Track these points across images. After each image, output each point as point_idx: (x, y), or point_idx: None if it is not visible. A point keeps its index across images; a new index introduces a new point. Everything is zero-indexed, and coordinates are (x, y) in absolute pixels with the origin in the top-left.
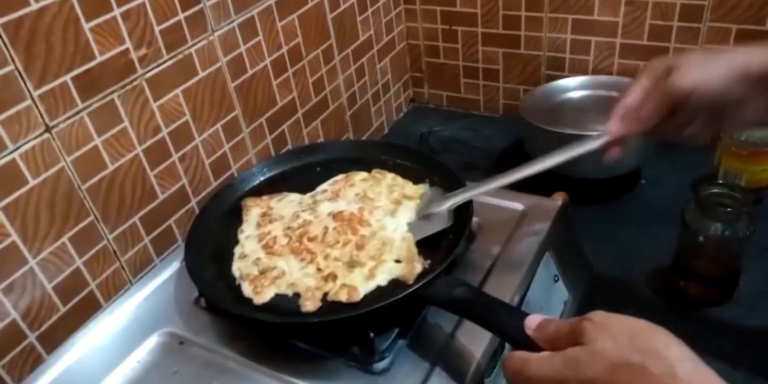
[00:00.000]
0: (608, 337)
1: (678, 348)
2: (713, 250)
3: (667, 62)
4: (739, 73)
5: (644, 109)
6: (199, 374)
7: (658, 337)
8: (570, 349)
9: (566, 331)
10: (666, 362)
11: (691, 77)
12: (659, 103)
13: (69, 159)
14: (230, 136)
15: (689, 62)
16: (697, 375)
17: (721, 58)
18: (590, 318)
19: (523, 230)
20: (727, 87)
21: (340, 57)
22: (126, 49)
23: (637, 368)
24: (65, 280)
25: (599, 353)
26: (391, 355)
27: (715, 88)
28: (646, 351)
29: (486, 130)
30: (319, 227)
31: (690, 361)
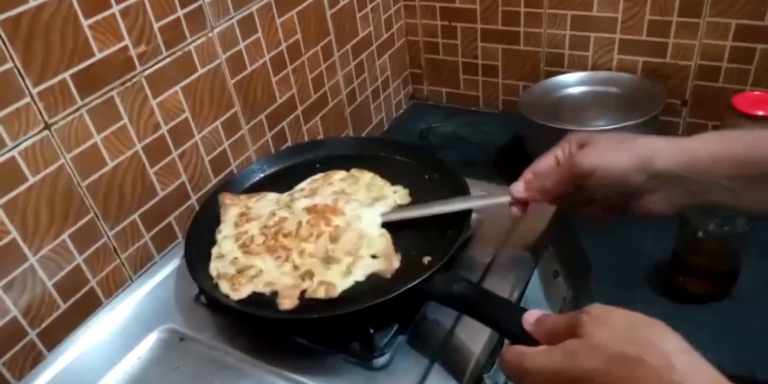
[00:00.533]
0: (605, 330)
1: (675, 340)
2: (712, 246)
3: (583, 137)
4: (640, 163)
5: (547, 180)
6: (199, 371)
7: (655, 330)
8: (568, 342)
9: (564, 325)
10: (663, 354)
11: (593, 159)
12: (561, 177)
13: (68, 156)
14: (230, 133)
15: (598, 143)
16: (694, 367)
17: (628, 146)
18: (588, 311)
19: (522, 226)
20: (627, 175)
21: (339, 53)
22: (125, 46)
23: (634, 360)
24: (66, 278)
25: (596, 346)
26: (390, 351)
27: (615, 174)
28: (644, 343)
29: (485, 126)
30: (294, 222)
31: (687, 354)
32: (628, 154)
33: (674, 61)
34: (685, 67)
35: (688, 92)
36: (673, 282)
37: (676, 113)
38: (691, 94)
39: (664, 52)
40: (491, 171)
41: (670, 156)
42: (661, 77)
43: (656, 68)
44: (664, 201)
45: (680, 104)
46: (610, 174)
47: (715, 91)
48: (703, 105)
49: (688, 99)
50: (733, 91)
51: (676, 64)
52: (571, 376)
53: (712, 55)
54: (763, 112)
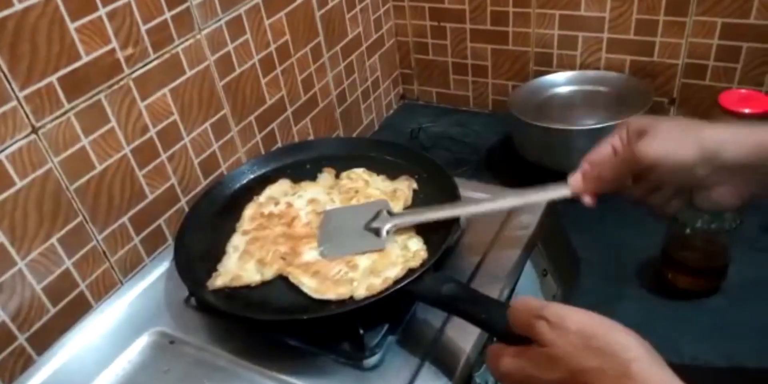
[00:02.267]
0: (565, 342)
1: (632, 346)
2: (701, 242)
3: (641, 124)
4: (707, 155)
5: (605, 170)
6: (190, 373)
7: (614, 337)
8: (534, 351)
9: (526, 323)
10: (621, 363)
11: (656, 149)
12: (621, 167)
13: (56, 160)
14: (219, 135)
15: (661, 132)
16: (650, 373)
17: (693, 136)
18: (545, 316)
19: (511, 225)
20: (692, 167)
21: (329, 55)
22: (112, 49)
23: (595, 372)
24: (55, 281)
25: (559, 359)
26: (381, 351)
27: (679, 166)
28: (603, 354)
29: (475, 125)
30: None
31: (644, 361)
32: (694, 145)
33: (661, 60)
34: (673, 66)
35: (675, 90)
36: (662, 278)
37: (664, 111)
38: (678, 92)
39: (651, 51)
40: (482, 170)
41: (738, 147)
42: (648, 75)
43: (644, 67)
44: (732, 191)
45: (668, 102)
46: (673, 166)
47: (702, 89)
48: (690, 103)
49: (675, 97)
50: (720, 89)
51: (664, 63)
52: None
53: (699, 53)
54: (749, 109)
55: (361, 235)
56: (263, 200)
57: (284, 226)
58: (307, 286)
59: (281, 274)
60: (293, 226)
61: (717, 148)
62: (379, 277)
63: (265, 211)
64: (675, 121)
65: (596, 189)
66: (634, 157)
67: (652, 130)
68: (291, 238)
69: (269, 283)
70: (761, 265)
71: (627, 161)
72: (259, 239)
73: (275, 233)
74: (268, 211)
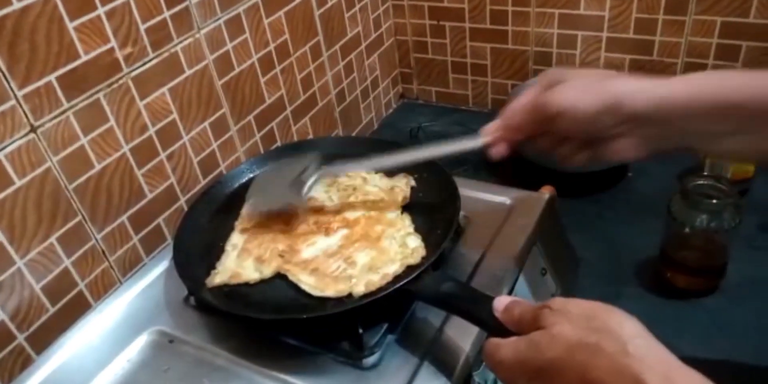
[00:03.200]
0: (566, 321)
1: (631, 326)
2: (699, 241)
3: (557, 75)
4: (609, 105)
5: (515, 118)
6: (189, 372)
7: (613, 317)
8: (532, 334)
9: (529, 317)
10: (619, 340)
11: (561, 98)
12: (528, 117)
13: (55, 159)
14: (218, 134)
15: (570, 83)
16: (648, 350)
17: (598, 86)
18: (549, 305)
19: (510, 224)
20: (595, 117)
21: (328, 53)
22: (111, 48)
23: (592, 348)
24: (54, 281)
25: (557, 336)
26: (380, 351)
27: (582, 116)
28: (601, 331)
29: (475, 125)
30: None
31: (642, 338)
32: (597, 95)
33: (661, 59)
34: (672, 65)
35: None
36: (661, 277)
37: None
38: None
39: (650, 50)
40: (481, 170)
41: (642, 98)
42: (648, 74)
43: (643, 65)
44: (637, 144)
45: None
46: (576, 116)
47: None
48: None
49: None
50: None
51: (663, 62)
52: (536, 366)
53: (699, 52)
54: None
55: (288, 189)
56: None
57: (282, 223)
58: (305, 283)
59: (280, 272)
60: (291, 224)
61: (621, 99)
62: (378, 273)
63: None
64: (588, 72)
65: (506, 137)
66: (541, 107)
67: (562, 80)
68: (289, 235)
69: (268, 281)
70: (760, 263)
71: (534, 111)
72: (257, 237)
73: (274, 231)
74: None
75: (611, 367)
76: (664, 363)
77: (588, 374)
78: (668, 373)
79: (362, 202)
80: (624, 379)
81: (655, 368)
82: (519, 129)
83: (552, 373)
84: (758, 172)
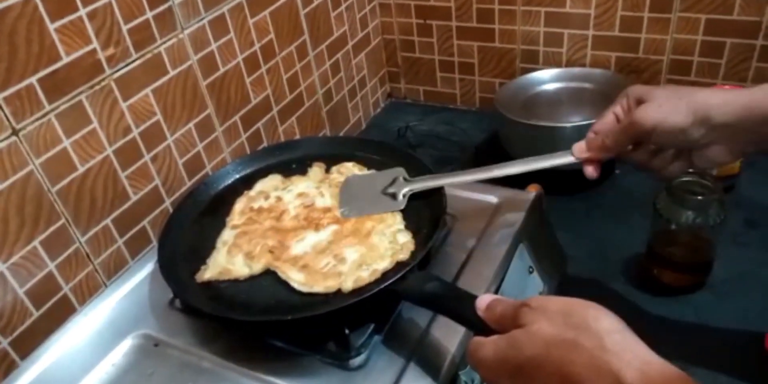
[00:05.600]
0: (544, 318)
1: (608, 321)
2: (685, 237)
3: (640, 91)
4: (698, 118)
5: (607, 138)
6: (175, 376)
7: (590, 313)
8: (512, 332)
9: (510, 315)
10: (596, 336)
11: (652, 114)
12: (621, 134)
13: (37, 162)
14: (203, 135)
15: (657, 98)
16: (625, 345)
17: (686, 101)
18: (528, 303)
19: (497, 223)
20: (686, 130)
21: (314, 53)
22: (93, 49)
23: (569, 343)
24: (37, 285)
25: (536, 333)
26: (366, 351)
27: (674, 129)
28: (579, 327)
29: (463, 123)
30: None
31: (619, 333)
32: (687, 109)
33: (647, 56)
34: (658, 62)
35: None
36: (647, 274)
37: None
38: None
39: (636, 48)
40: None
41: (727, 109)
42: (634, 72)
43: (629, 63)
44: (726, 151)
45: None
46: (669, 130)
47: (687, 85)
48: None
49: None
50: (705, 84)
51: (649, 59)
52: (516, 364)
53: (684, 49)
54: None
55: (379, 198)
56: (254, 194)
57: (273, 220)
58: (295, 280)
59: (270, 269)
60: (282, 220)
61: (708, 111)
62: (368, 269)
63: (255, 205)
64: (670, 88)
65: (598, 156)
66: (633, 123)
67: (649, 96)
68: (279, 231)
69: (257, 278)
70: (746, 260)
71: (627, 127)
72: (247, 233)
73: (264, 227)
74: (257, 206)
75: (589, 363)
76: (641, 358)
77: (566, 369)
78: (645, 367)
79: None
80: (601, 374)
81: (633, 363)
82: (613, 148)
83: (531, 370)
84: (743, 168)
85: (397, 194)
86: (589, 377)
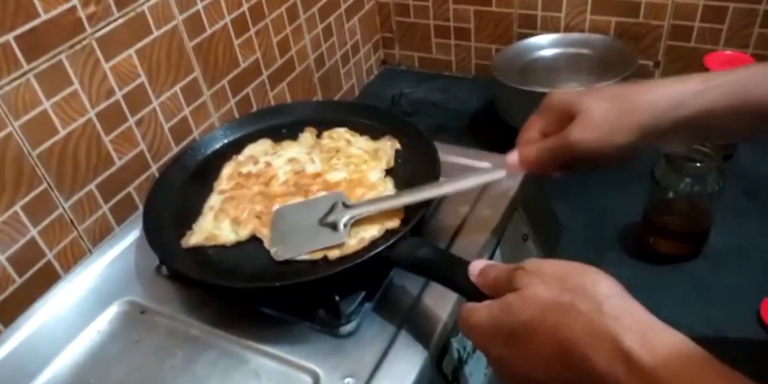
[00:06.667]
0: (539, 281)
1: (606, 285)
2: (683, 205)
3: (568, 103)
4: (646, 130)
5: (543, 159)
6: (161, 343)
7: (587, 276)
8: (506, 296)
9: (504, 279)
10: (593, 299)
11: (591, 139)
12: (556, 159)
13: (16, 124)
14: (190, 99)
15: (590, 115)
16: (624, 309)
17: (628, 114)
18: (523, 266)
19: (492, 190)
20: (633, 145)
21: (305, 16)
22: (73, 7)
23: (566, 307)
24: (20, 251)
25: (530, 296)
26: (357, 318)
27: (619, 148)
28: (575, 290)
29: (458, 91)
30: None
31: (618, 297)
32: (630, 123)
33: (647, 21)
34: (658, 27)
35: (660, 53)
36: (643, 243)
37: (649, 74)
38: (663, 54)
39: (636, 12)
40: (464, 136)
41: (671, 117)
42: (633, 38)
43: (629, 28)
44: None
45: (653, 65)
46: (612, 150)
47: (688, 51)
48: (675, 65)
49: (660, 60)
50: (706, 51)
51: (649, 24)
52: (509, 328)
53: (685, 14)
54: None
55: (317, 231)
56: (242, 159)
57: (262, 185)
58: None
59: (256, 236)
60: (270, 186)
61: (657, 121)
62: (355, 237)
63: (244, 170)
64: (604, 100)
65: (536, 171)
66: (570, 147)
67: (582, 113)
68: (268, 197)
69: (245, 244)
70: (743, 229)
71: (563, 151)
72: (235, 198)
73: (252, 192)
74: (246, 171)
75: (586, 327)
76: (641, 322)
77: (562, 334)
78: (645, 331)
79: (345, 164)
80: (599, 338)
81: (632, 327)
82: (544, 165)
83: (526, 335)
84: None
85: (337, 224)
86: (586, 342)
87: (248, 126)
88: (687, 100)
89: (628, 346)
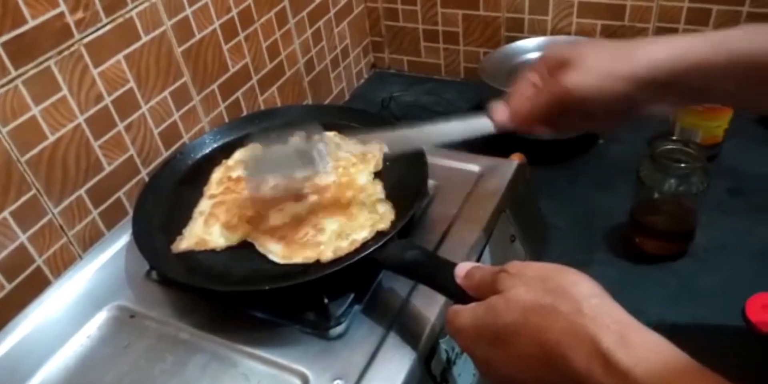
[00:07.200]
0: (521, 284)
1: (586, 286)
2: (668, 205)
3: (562, 56)
4: (642, 79)
5: (536, 109)
6: (151, 347)
7: (567, 277)
8: (490, 298)
9: (488, 282)
10: (573, 300)
11: (585, 83)
12: (549, 106)
13: (5, 130)
14: (180, 103)
15: (585, 61)
16: (603, 309)
17: (622, 63)
18: (506, 269)
19: (479, 191)
20: (625, 96)
21: (294, 20)
22: (61, 13)
23: (547, 309)
24: (9, 257)
25: (513, 299)
26: (346, 321)
27: (611, 97)
28: (556, 292)
29: (447, 94)
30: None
31: (597, 298)
32: (626, 75)
33: (632, 24)
34: (643, 30)
35: None
36: (630, 242)
37: None
38: None
39: (622, 15)
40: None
41: (668, 68)
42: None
43: (615, 31)
44: (664, 105)
45: None
46: (605, 99)
47: None
48: None
49: None
50: None
51: (635, 27)
52: (493, 331)
53: (669, 16)
54: None
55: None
56: (232, 163)
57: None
58: (273, 253)
59: (247, 240)
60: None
61: (651, 69)
62: (347, 239)
63: (233, 174)
64: (600, 49)
65: (525, 125)
66: (563, 93)
67: (577, 61)
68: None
69: (235, 248)
70: (728, 228)
71: (556, 98)
72: (225, 203)
73: (242, 197)
74: (236, 175)
75: (566, 328)
76: (619, 322)
77: (543, 335)
78: (623, 332)
79: (334, 167)
80: (579, 339)
81: (611, 327)
82: (537, 118)
83: (509, 337)
84: (727, 136)
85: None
86: (566, 343)
87: (238, 130)
88: (684, 53)
89: (606, 347)
